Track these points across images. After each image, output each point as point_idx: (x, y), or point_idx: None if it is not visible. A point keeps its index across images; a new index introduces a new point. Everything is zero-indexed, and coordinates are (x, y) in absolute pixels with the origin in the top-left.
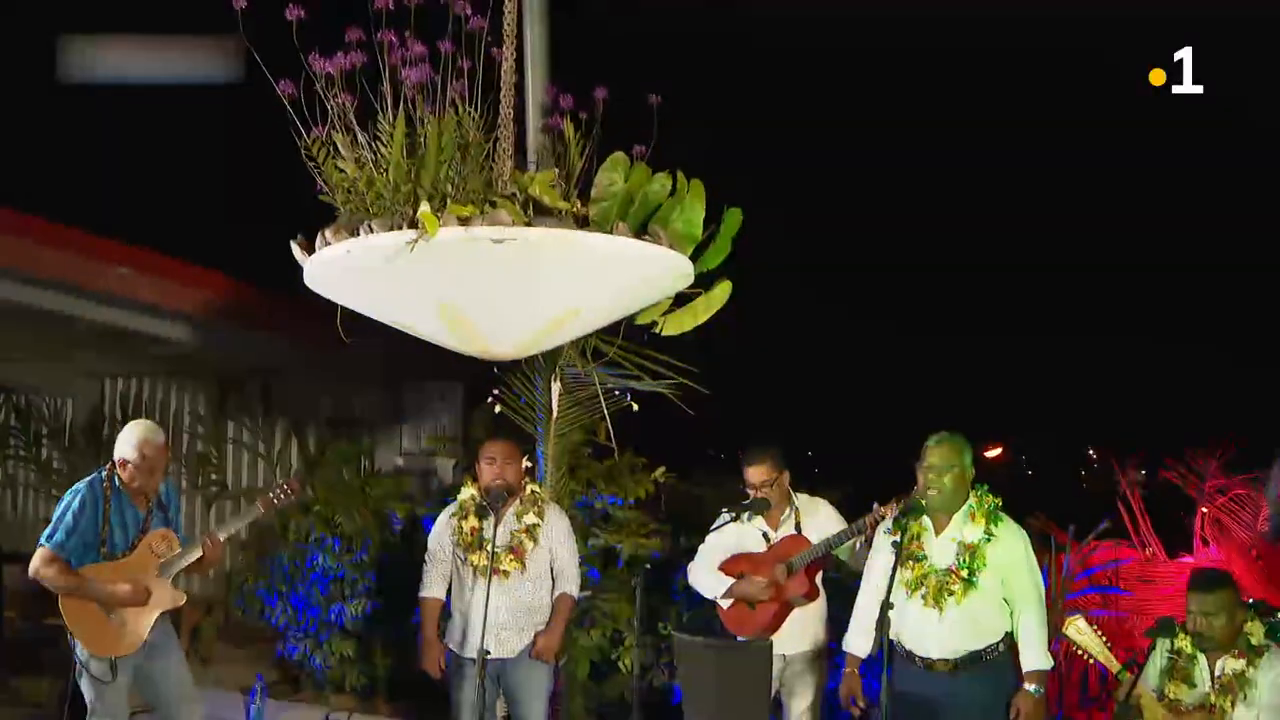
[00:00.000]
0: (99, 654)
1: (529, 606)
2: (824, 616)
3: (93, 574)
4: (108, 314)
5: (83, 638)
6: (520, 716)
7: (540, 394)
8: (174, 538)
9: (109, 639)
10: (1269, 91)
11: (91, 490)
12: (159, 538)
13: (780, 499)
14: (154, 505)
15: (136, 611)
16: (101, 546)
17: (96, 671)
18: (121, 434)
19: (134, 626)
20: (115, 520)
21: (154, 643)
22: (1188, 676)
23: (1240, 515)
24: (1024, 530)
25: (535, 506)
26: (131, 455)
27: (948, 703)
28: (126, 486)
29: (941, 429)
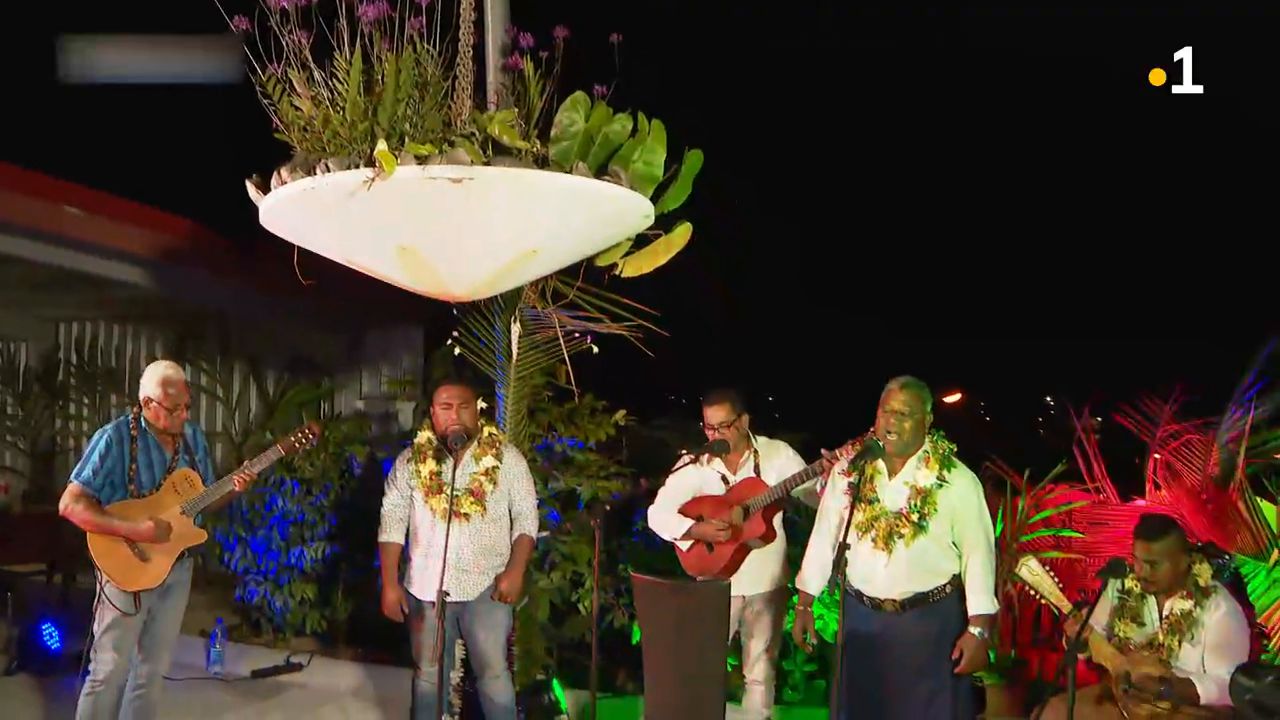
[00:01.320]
0: (124, 588)
1: (488, 549)
2: (782, 558)
3: (118, 511)
4: (62, 257)
5: (109, 571)
6: (480, 657)
7: (499, 336)
8: (197, 478)
9: (133, 574)
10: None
11: (118, 431)
12: (182, 477)
13: (739, 441)
14: (180, 448)
15: (160, 548)
16: (129, 484)
17: (120, 604)
18: (144, 375)
19: (157, 563)
20: (142, 460)
21: (171, 584)
22: (1137, 616)
23: (1191, 460)
24: (977, 476)
25: (493, 449)
26: (155, 393)
27: (894, 640)
28: (152, 427)
29: (903, 374)
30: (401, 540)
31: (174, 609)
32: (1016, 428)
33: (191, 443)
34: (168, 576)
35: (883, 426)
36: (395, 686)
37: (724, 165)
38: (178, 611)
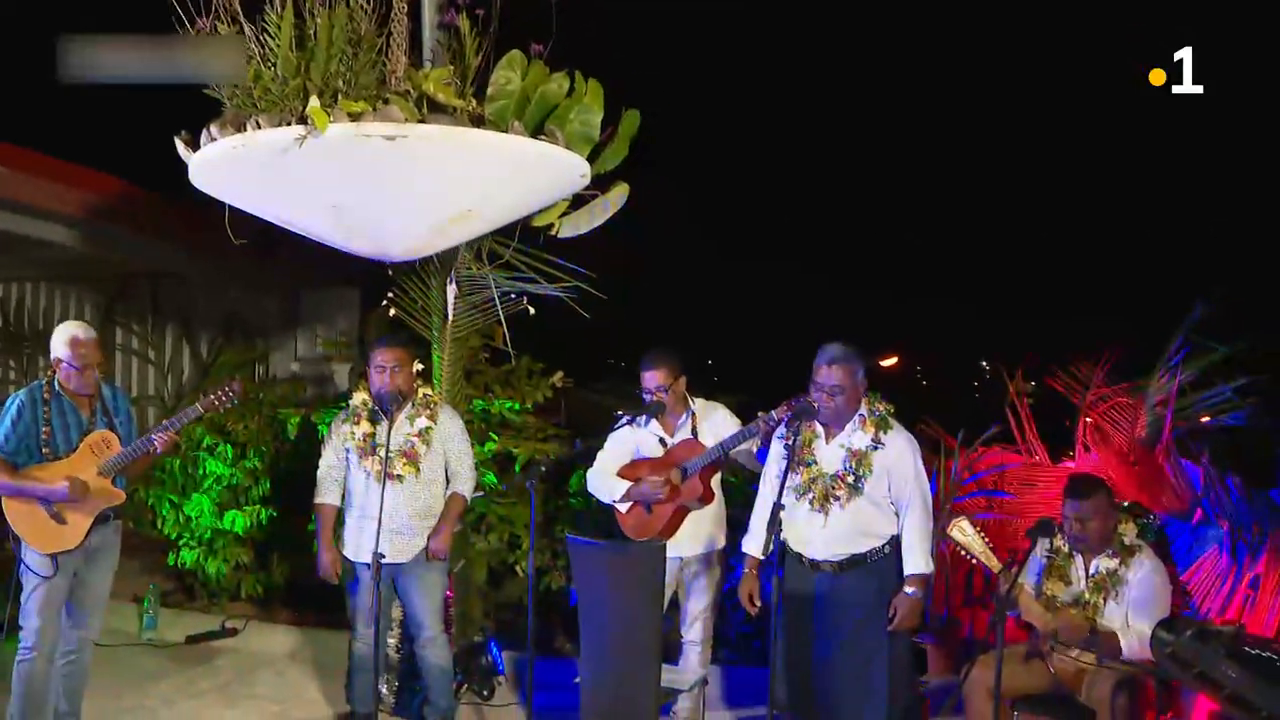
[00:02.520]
0: (41, 550)
1: (424, 510)
2: (720, 519)
3: (33, 474)
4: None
5: (25, 535)
6: (415, 618)
7: (435, 298)
8: (115, 439)
9: (49, 536)
10: None
11: (31, 395)
12: (99, 439)
13: (677, 403)
14: (98, 409)
15: (77, 509)
16: (44, 448)
17: (37, 566)
18: (53, 336)
19: (75, 523)
20: (56, 423)
21: (95, 548)
22: (1064, 575)
23: (1120, 422)
24: (913, 438)
25: (428, 410)
26: (64, 354)
27: (832, 601)
28: (65, 388)
29: (841, 338)
30: (337, 502)
31: (102, 573)
32: (952, 392)
33: (111, 405)
34: (88, 538)
35: (818, 403)
36: (332, 650)
37: (664, 125)
38: (106, 576)
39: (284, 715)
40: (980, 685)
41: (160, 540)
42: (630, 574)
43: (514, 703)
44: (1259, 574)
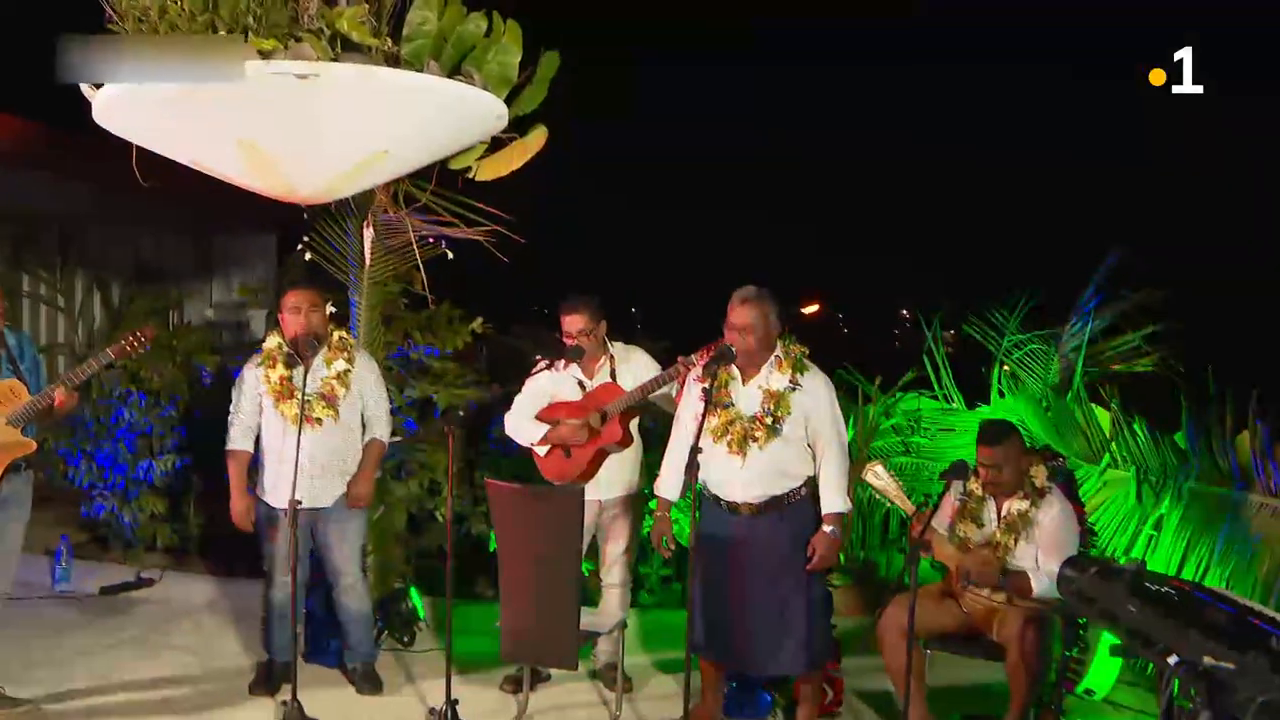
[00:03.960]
0: None
1: (340, 454)
2: (639, 463)
3: None
4: None
5: None
6: (334, 565)
7: (352, 241)
8: (22, 388)
9: None
10: None
11: None
12: (5, 388)
13: (596, 347)
14: (3, 357)
15: None
16: None
17: None
18: None
19: None
20: None
21: (5, 499)
22: (976, 517)
23: (1034, 368)
24: (829, 379)
25: (344, 353)
26: None
27: (750, 544)
28: None
29: (764, 286)
30: (250, 448)
31: (12, 525)
32: (873, 339)
33: (16, 352)
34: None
35: (730, 341)
36: (250, 599)
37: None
38: (16, 527)
39: (202, 665)
40: (894, 624)
41: (73, 491)
42: (549, 517)
43: (434, 648)
44: (1162, 515)
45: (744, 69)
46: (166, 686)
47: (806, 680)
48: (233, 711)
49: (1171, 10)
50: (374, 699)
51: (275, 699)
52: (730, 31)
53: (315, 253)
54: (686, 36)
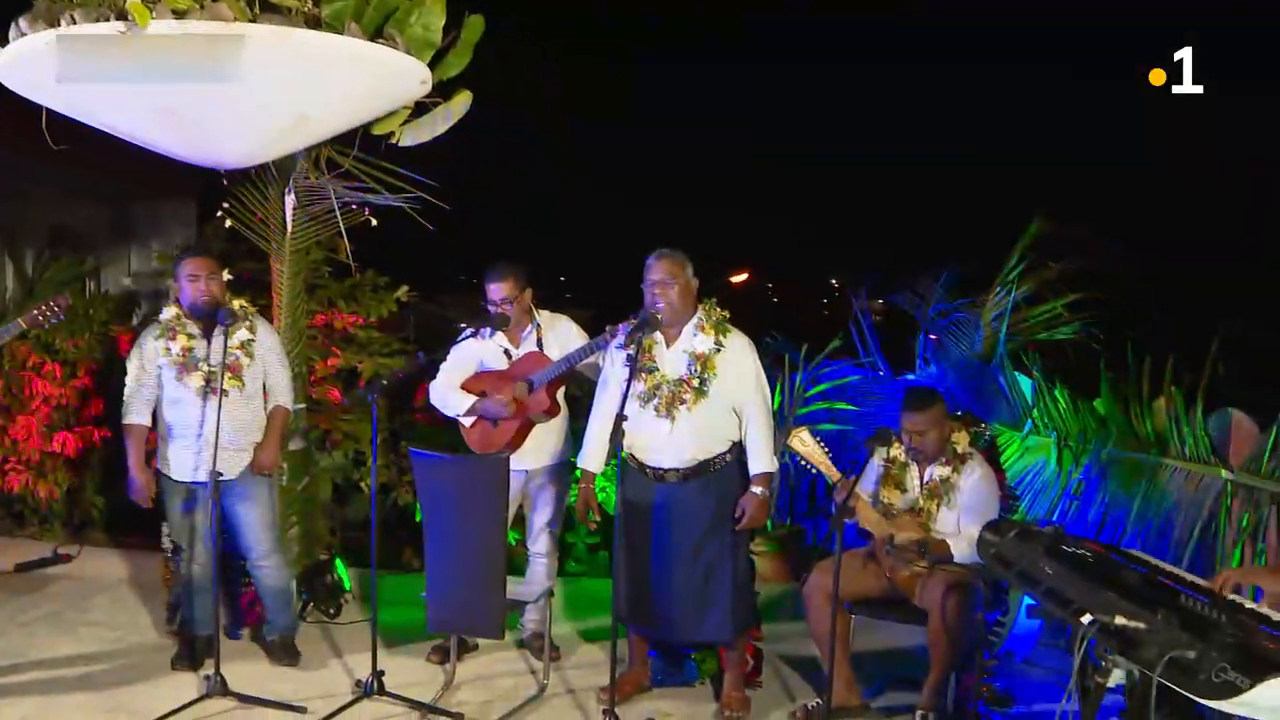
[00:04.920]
0: None
1: (246, 424)
2: (565, 432)
3: None
4: None
5: None
6: (245, 538)
7: (273, 208)
8: None
9: None
10: None
11: None
12: None
13: (522, 316)
14: None
15: None
16: None
17: None
18: None
19: None
20: None
21: None
22: (900, 483)
23: (959, 336)
24: (751, 341)
25: (246, 322)
26: None
27: (675, 511)
28: None
29: (691, 252)
30: (148, 422)
31: None
32: (803, 307)
33: None
34: None
35: (650, 300)
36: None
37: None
38: None
39: (120, 641)
40: (819, 589)
41: None
42: (474, 487)
43: (361, 620)
44: (1081, 480)
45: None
46: (85, 663)
47: (732, 647)
48: (154, 687)
49: (1171, 10)
50: (299, 671)
51: (198, 673)
52: None
53: (235, 219)
54: None
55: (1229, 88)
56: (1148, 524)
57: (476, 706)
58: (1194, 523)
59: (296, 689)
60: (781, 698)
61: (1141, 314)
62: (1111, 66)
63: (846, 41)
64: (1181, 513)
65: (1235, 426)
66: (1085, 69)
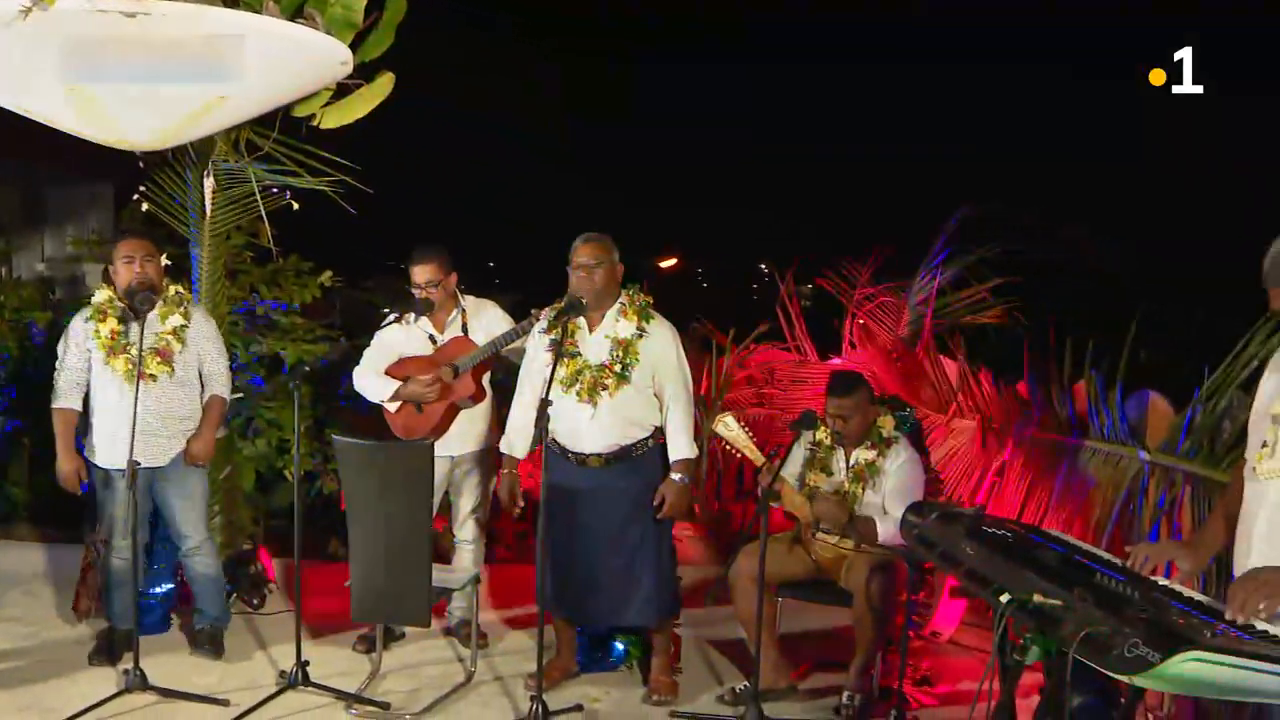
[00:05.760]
0: None
1: (179, 412)
2: (491, 417)
3: None
4: None
5: None
6: (175, 526)
7: (192, 191)
8: None
9: None
10: None
11: None
12: None
13: (447, 301)
14: None
15: None
16: None
17: None
18: None
19: None
20: None
21: None
22: (826, 466)
23: (885, 321)
24: (674, 327)
25: (180, 308)
26: None
27: (600, 495)
28: None
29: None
30: (78, 406)
31: None
32: (731, 293)
33: None
34: None
35: (575, 283)
36: None
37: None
38: None
39: (36, 636)
40: (745, 573)
41: None
42: (399, 474)
43: (285, 610)
44: (1005, 462)
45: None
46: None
47: (658, 631)
48: (71, 683)
49: (1171, 10)
50: (222, 663)
51: (117, 668)
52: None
53: (152, 203)
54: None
55: (1229, 88)
56: (1069, 504)
57: (403, 695)
58: (1113, 502)
59: (219, 681)
60: (709, 681)
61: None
62: (1112, 66)
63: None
64: (1101, 493)
65: (1152, 408)
66: (1085, 69)
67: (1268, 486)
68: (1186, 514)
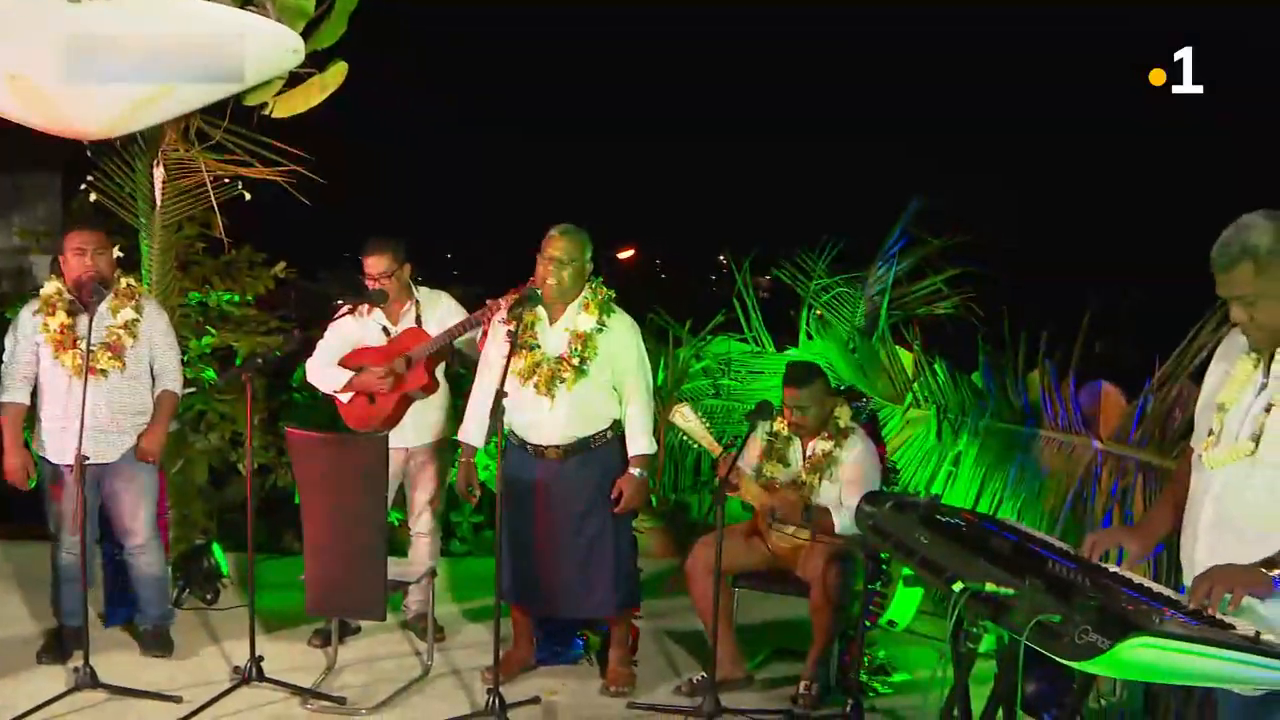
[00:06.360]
0: None
1: (129, 407)
2: (445, 408)
3: None
4: None
5: None
6: (123, 524)
7: (141, 181)
8: None
9: None
10: None
11: None
12: None
13: (401, 292)
14: None
15: None
16: None
17: None
18: None
19: None
20: None
21: None
22: (783, 457)
23: (841, 311)
24: (635, 322)
25: (132, 300)
26: None
27: (558, 486)
28: None
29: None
30: (25, 400)
31: None
32: (690, 284)
33: None
34: None
35: (542, 274)
36: (35, 562)
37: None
38: None
39: None
40: (702, 563)
41: None
42: (352, 466)
43: (239, 605)
44: (960, 452)
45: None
46: None
47: (617, 623)
48: (19, 682)
49: (1171, 10)
50: (175, 660)
51: (66, 666)
52: None
53: (101, 193)
54: None
55: (1229, 88)
56: (1023, 493)
57: (359, 690)
58: (1066, 491)
59: (172, 677)
60: (667, 672)
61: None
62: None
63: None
64: (1055, 481)
65: (1104, 397)
66: (1085, 69)
67: (1213, 475)
68: (1139, 502)
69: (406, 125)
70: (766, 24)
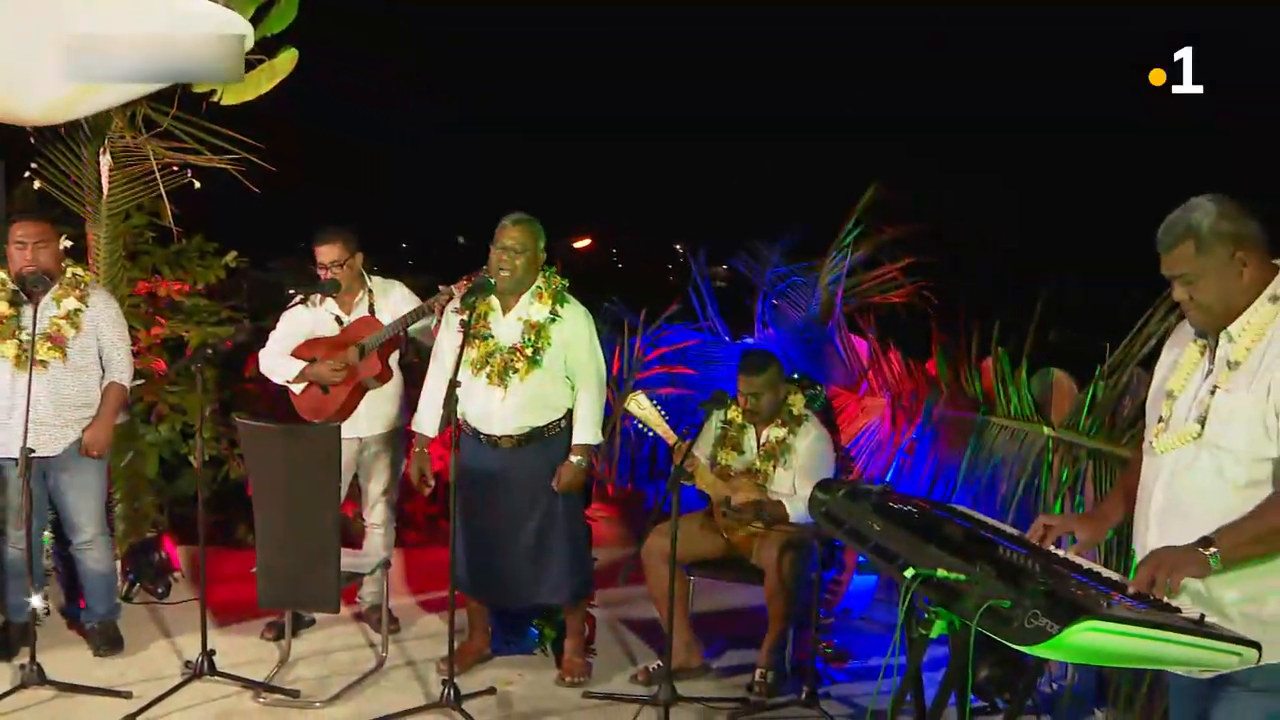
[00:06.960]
0: None
1: (73, 399)
2: (399, 398)
3: None
4: None
5: None
6: (69, 519)
7: (88, 169)
8: None
9: None
10: None
11: None
12: None
13: (353, 281)
14: None
15: None
16: None
17: None
18: None
19: None
20: None
21: None
22: (737, 445)
23: (796, 300)
24: (589, 311)
25: (77, 290)
26: None
27: (509, 476)
28: None
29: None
30: None
31: None
32: (647, 273)
33: None
34: None
35: (495, 263)
36: None
37: None
38: None
39: None
40: (657, 551)
41: None
42: (304, 456)
43: (191, 599)
44: (914, 439)
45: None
46: None
47: (572, 612)
48: None
49: (1171, 10)
50: (124, 656)
51: (12, 663)
52: None
53: (45, 181)
54: None
55: (1229, 88)
56: (976, 480)
57: (313, 682)
58: (1019, 478)
59: (122, 673)
60: (623, 661)
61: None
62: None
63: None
64: (1007, 468)
65: (1056, 385)
66: (1085, 69)
67: (1163, 461)
68: (1089, 489)
69: (406, 125)
70: (767, 24)
